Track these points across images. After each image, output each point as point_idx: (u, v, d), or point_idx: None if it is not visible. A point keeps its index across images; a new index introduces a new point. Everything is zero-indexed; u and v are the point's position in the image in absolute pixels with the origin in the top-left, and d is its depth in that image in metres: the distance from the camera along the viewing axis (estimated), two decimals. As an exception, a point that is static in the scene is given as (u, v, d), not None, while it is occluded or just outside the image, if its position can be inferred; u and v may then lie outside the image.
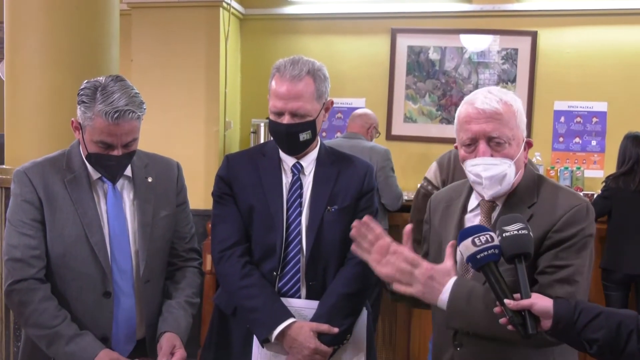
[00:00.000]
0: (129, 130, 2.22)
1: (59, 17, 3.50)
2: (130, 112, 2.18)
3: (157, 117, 5.25)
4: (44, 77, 3.49)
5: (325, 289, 2.46)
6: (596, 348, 1.74)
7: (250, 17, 6.00)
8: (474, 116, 2.00)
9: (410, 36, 5.86)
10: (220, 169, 2.57)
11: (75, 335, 2.23)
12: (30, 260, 2.25)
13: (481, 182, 2.00)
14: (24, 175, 2.30)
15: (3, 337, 3.61)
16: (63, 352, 2.22)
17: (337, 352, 2.45)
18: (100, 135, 2.20)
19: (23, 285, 2.23)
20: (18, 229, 2.27)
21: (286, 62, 2.42)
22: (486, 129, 1.98)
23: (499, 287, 1.79)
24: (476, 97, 2.03)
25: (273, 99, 2.41)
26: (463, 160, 2.06)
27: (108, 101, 2.17)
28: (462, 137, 2.04)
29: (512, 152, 2.00)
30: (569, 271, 1.94)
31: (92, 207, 2.31)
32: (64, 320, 2.24)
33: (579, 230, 1.97)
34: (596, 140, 5.63)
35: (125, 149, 2.26)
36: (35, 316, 2.22)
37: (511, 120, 2.01)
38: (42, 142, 3.44)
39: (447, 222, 2.17)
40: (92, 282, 2.30)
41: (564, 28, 5.60)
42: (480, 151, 2.00)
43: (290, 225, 2.45)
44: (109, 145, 2.23)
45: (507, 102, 2.02)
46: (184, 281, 2.52)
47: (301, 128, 2.40)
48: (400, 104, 5.92)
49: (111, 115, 2.15)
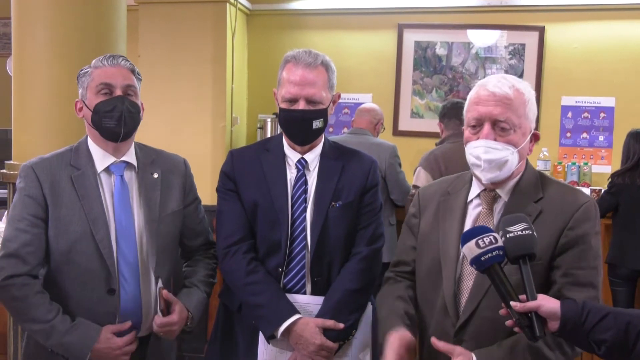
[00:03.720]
0: (126, 75, 2.34)
1: (67, 13, 3.50)
2: (123, 58, 2.35)
3: (164, 113, 5.27)
4: (52, 73, 3.50)
5: (330, 284, 2.46)
6: (604, 349, 1.73)
7: (257, 12, 6.00)
8: (484, 98, 1.99)
9: (417, 31, 5.85)
10: (225, 165, 2.57)
11: (70, 327, 2.25)
12: (25, 256, 2.25)
13: (480, 164, 1.98)
14: (31, 171, 2.31)
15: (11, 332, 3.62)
16: (61, 344, 2.24)
17: (343, 348, 2.45)
18: (99, 78, 2.32)
19: (17, 280, 2.23)
20: (15, 223, 2.28)
21: (300, 51, 2.45)
22: (493, 112, 1.97)
23: (505, 289, 1.78)
24: (489, 81, 2.03)
25: (287, 86, 2.42)
26: (466, 142, 2.04)
27: (101, 56, 2.37)
28: (468, 117, 2.03)
29: (516, 140, 1.99)
30: (591, 275, 1.95)
31: (98, 204, 2.31)
32: (57, 314, 2.25)
33: (591, 227, 1.97)
34: (604, 136, 5.60)
35: (126, 95, 2.33)
36: (29, 312, 2.23)
37: (520, 108, 1.99)
38: (49, 137, 3.45)
39: (446, 215, 2.14)
40: (96, 278, 2.30)
41: (571, 23, 5.57)
42: (483, 133, 1.98)
43: (295, 221, 2.45)
44: (110, 86, 2.31)
45: (519, 89, 2.01)
46: (198, 265, 2.59)
47: (315, 115, 2.41)
48: (407, 99, 5.90)
49: (106, 58, 2.34)
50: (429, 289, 2.12)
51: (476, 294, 1.99)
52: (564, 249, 1.95)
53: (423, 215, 2.23)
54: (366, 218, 2.51)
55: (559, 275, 1.94)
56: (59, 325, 2.23)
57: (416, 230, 2.24)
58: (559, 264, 1.95)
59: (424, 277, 2.16)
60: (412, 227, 2.27)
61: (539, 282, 1.91)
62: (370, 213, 2.51)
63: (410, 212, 2.30)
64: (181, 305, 2.38)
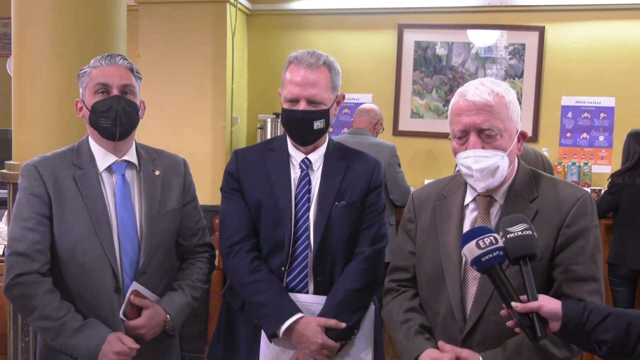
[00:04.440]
0: (123, 74, 2.34)
1: (67, 13, 3.50)
2: (121, 57, 2.35)
3: (164, 113, 5.27)
4: (52, 73, 3.49)
5: (332, 284, 2.46)
6: (606, 349, 1.72)
7: (257, 12, 6.00)
8: (465, 108, 1.98)
9: (417, 31, 5.84)
10: (229, 165, 2.58)
11: (81, 326, 2.24)
12: (34, 254, 2.25)
13: (472, 174, 1.97)
14: (34, 169, 2.32)
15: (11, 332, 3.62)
16: (69, 345, 2.23)
17: (345, 347, 2.46)
18: (96, 78, 2.32)
19: (26, 278, 2.23)
20: (22, 222, 2.27)
21: (303, 52, 2.47)
22: (476, 121, 1.96)
23: (505, 290, 1.77)
24: (467, 89, 2.01)
25: (289, 87, 2.43)
26: (455, 153, 2.04)
27: (100, 56, 2.37)
28: (453, 129, 2.03)
29: (504, 144, 1.98)
30: (591, 268, 1.95)
31: (100, 203, 2.32)
32: (68, 311, 2.25)
33: (589, 222, 1.97)
34: (604, 136, 5.60)
35: (124, 93, 2.33)
36: (40, 309, 2.23)
37: (503, 112, 1.98)
38: (49, 137, 3.44)
39: (443, 220, 2.13)
40: (102, 277, 2.31)
41: (571, 23, 5.57)
42: (470, 143, 1.97)
43: (299, 221, 2.45)
44: (107, 86, 2.31)
45: (498, 93, 1.99)
46: (190, 268, 2.55)
47: (316, 116, 2.42)
48: (407, 99, 5.90)
49: (103, 58, 2.35)
50: (432, 293, 2.11)
51: (481, 299, 1.98)
52: (563, 246, 1.95)
53: (419, 219, 2.22)
54: (369, 218, 2.51)
55: (559, 272, 1.95)
56: (70, 323, 2.23)
57: (413, 235, 2.23)
58: (558, 262, 1.95)
59: (426, 283, 2.15)
60: (408, 232, 2.26)
61: (540, 281, 1.91)
62: (373, 213, 2.52)
63: (406, 217, 2.29)
64: (154, 309, 2.36)
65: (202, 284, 2.55)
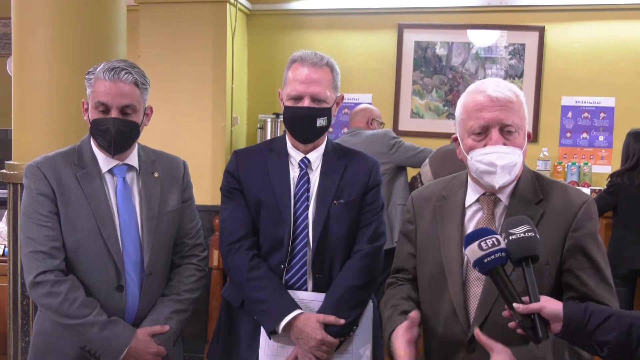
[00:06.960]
0: (126, 93, 2.29)
1: (67, 13, 3.50)
2: (126, 72, 2.28)
3: (164, 113, 5.25)
4: (52, 73, 3.50)
5: (331, 281, 2.48)
6: (607, 351, 1.72)
7: (257, 12, 5.99)
8: (487, 104, 1.97)
9: (417, 31, 5.84)
10: (229, 164, 2.60)
11: (108, 322, 2.27)
12: (52, 251, 2.27)
13: (494, 170, 1.95)
14: (37, 169, 2.33)
15: (11, 332, 3.62)
16: (97, 338, 2.25)
17: (344, 344, 2.47)
18: (98, 95, 2.29)
19: (49, 276, 2.25)
20: (36, 221, 2.29)
21: (306, 52, 2.51)
22: (500, 117, 1.96)
23: (507, 291, 1.77)
24: (487, 86, 2.00)
25: (292, 84, 2.46)
26: (470, 150, 2.01)
27: (108, 63, 2.31)
28: (472, 125, 1.99)
29: (520, 142, 1.99)
30: (604, 272, 1.95)
31: (104, 201, 2.34)
32: (95, 308, 2.27)
33: (593, 225, 1.98)
34: (604, 136, 5.60)
35: (123, 115, 2.30)
36: (66, 306, 2.24)
37: (520, 110, 1.99)
38: (49, 137, 3.45)
39: (444, 221, 2.12)
40: (105, 275, 2.33)
41: (571, 23, 5.57)
42: (493, 139, 1.96)
43: (298, 219, 2.47)
44: (106, 106, 2.28)
45: (516, 92, 2.01)
46: (176, 278, 2.54)
47: (320, 113, 2.46)
48: (407, 99, 5.90)
49: (108, 71, 2.27)
50: (433, 294, 2.10)
51: (486, 301, 1.97)
52: (572, 251, 1.95)
53: (419, 221, 2.21)
54: (368, 217, 2.53)
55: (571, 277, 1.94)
56: (96, 321, 2.25)
57: (413, 237, 2.22)
58: (570, 267, 1.95)
59: (427, 284, 2.14)
60: (408, 233, 2.25)
61: (551, 285, 1.92)
62: (372, 212, 2.54)
63: (405, 218, 2.28)
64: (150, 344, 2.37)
65: (189, 293, 2.53)
